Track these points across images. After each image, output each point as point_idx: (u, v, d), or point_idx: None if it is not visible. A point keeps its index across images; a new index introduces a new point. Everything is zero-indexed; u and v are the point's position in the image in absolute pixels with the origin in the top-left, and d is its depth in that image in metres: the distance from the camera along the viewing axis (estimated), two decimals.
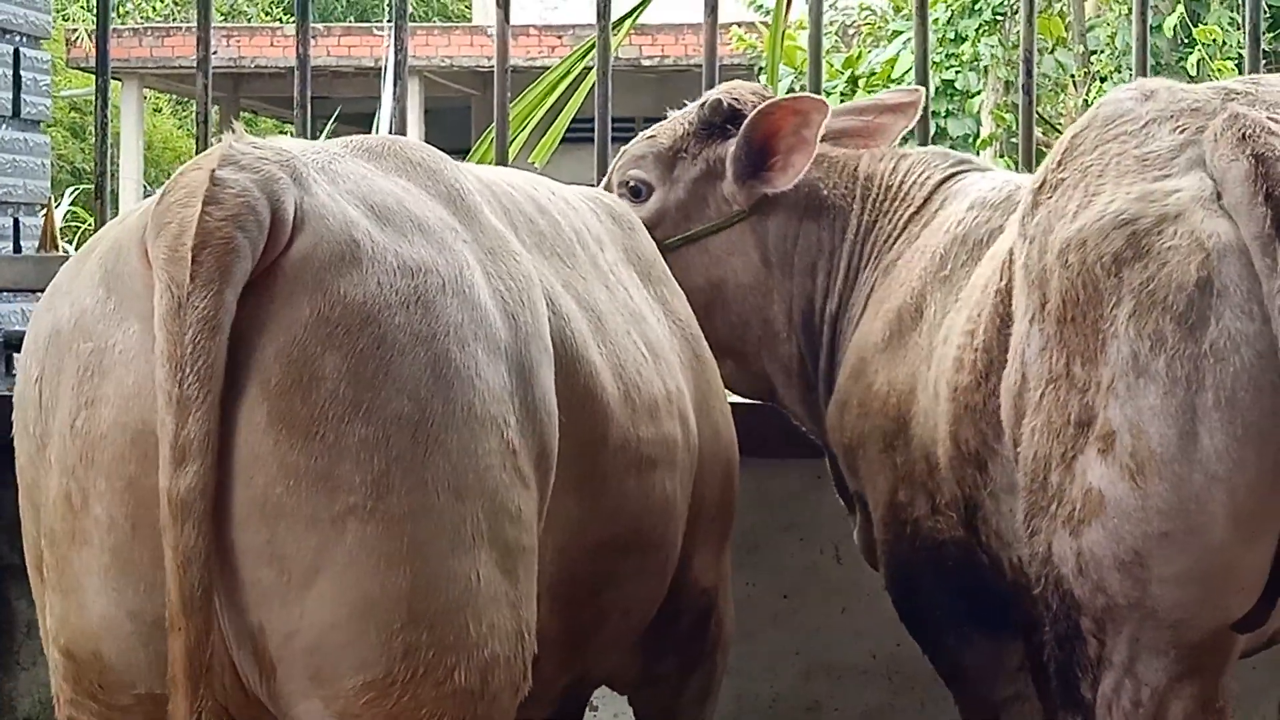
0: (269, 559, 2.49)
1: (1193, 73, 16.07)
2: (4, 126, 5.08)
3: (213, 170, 2.52)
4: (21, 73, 5.14)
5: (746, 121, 4.17)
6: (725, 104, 4.24)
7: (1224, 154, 2.93)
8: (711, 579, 3.64)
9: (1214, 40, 16.34)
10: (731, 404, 3.84)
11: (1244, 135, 2.91)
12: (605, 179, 4.40)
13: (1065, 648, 3.10)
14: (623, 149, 4.38)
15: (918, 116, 4.59)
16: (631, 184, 4.28)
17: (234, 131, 2.68)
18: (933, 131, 16.21)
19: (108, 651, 2.57)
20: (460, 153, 5.05)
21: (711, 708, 3.78)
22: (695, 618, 3.62)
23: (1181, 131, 3.04)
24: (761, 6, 17.67)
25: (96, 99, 5.35)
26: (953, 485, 3.56)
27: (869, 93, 17.11)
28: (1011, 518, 3.35)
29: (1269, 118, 2.97)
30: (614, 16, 5.47)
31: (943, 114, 16.73)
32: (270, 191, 2.53)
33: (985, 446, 3.39)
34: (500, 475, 2.63)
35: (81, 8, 28.82)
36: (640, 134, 4.35)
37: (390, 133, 5.45)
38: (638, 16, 5.46)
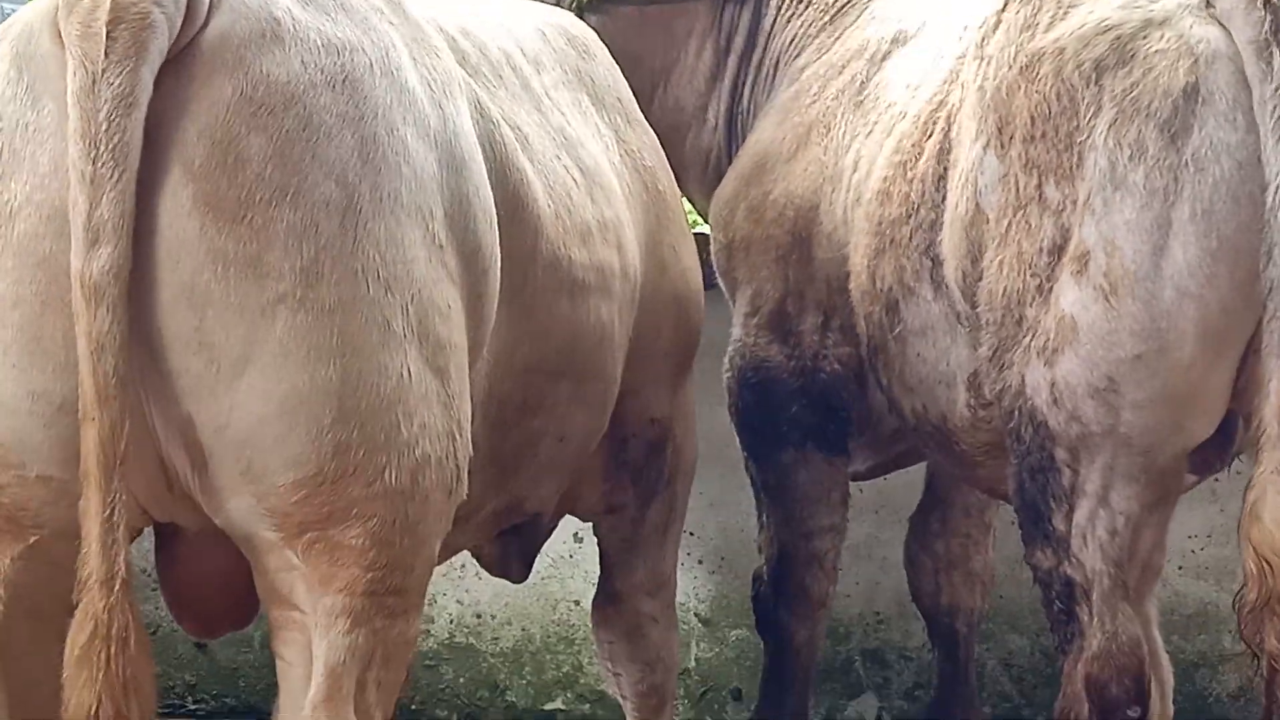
0: (197, 347, 2.42)
1: None
2: None
3: None
4: None
5: None
6: None
7: None
8: (664, 410, 3.59)
9: None
10: None
11: None
12: None
13: (1038, 480, 3.07)
14: None
15: None
16: None
17: None
18: None
19: None
20: None
21: (674, 538, 3.74)
22: (648, 448, 3.58)
23: None
24: None
25: None
26: (860, 320, 3.54)
27: None
28: (919, 362, 3.35)
29: None
30: None
31: None
32: None
33: (901, 285, 3.35)
34: (427, 269, 2.57)
35: None
36: None
37: None
38: None
